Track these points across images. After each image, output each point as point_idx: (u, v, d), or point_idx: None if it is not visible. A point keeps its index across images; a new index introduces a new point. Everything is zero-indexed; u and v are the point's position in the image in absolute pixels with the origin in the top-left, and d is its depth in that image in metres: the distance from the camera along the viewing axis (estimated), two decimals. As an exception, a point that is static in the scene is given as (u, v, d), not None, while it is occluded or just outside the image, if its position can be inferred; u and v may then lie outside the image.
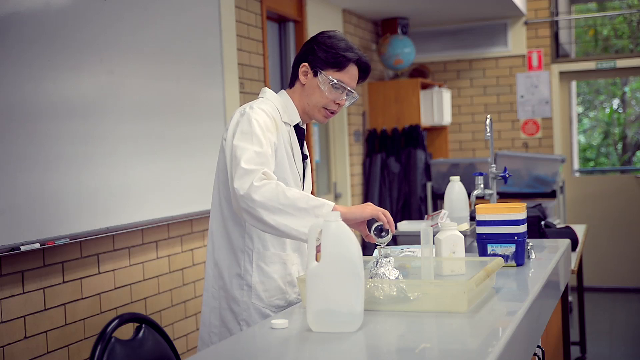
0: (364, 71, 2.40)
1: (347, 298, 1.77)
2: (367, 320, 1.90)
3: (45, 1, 2.96)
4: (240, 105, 4.48)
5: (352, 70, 2.37)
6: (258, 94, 2.47)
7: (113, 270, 3.37)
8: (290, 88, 2.43)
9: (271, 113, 2.29)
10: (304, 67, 2.37)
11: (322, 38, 2.37)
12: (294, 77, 2.41)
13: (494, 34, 7.13)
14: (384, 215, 2.15)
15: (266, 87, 2.44)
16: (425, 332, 1.84)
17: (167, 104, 3.67)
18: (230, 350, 1.79)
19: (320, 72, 2.34)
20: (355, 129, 6.33)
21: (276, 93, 2.43)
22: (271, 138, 2.23)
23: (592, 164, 9.68)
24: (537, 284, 2.28)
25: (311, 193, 2.42)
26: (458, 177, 2.97)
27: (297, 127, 2.42)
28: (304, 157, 2.44)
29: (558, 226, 4.11)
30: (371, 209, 2.15)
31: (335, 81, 2.34)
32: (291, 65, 2.47)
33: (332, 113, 2.41)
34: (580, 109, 9.72)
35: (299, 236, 2.10)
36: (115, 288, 3.39)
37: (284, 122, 2.35)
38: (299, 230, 2.08)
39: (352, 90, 2.39)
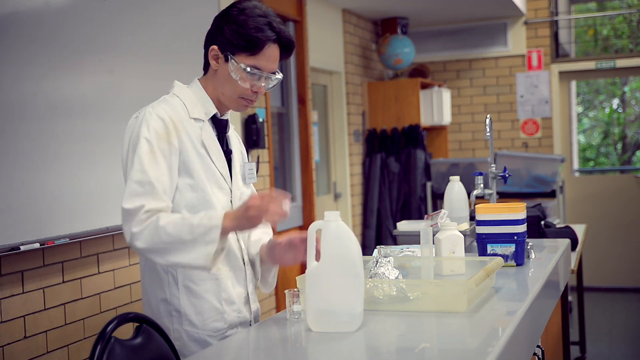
0: (287, 48, 2.07)
1: (346, 298, 1.75)
2: (367, 320, 1.90)
3: (44, 1, 2.96)
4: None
5: (270, 52, 2.03)
6: None
7: (113, 270, 3.37)
8: (204, 75, 2.12)
9: (169, 115, 1.99)
10: (213, 50, 2.04)
11: (232, 14, 2.02)
12: (207, 62, 2.09)
13: (493, 33, 7.14)
14: (270, 217, 1.87)
15: (176, 81, 2.15)
16: (425, 332, 1.84)
17: (167, 103, 3.66)
18: (230, 351, 1.79)
19: (231, 58, 2.01)
20: (355, 129, 6.33)
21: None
22: (164, 148, 1.95)
23: (591, 163, 9.68)
24: (536, 284, 2.28)
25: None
26: (458, 177, 2.98)
27: (217, 120, 2.12)
28: (229, 152, 2.14)
29: (558, 226, 4.11)
30: (257, 220, 1.87)
31: (248, 68, 2.01)
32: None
33: (251, 101, 2.09)
34: (580, 109, 9.72)
35: (197, 267, 1.89)
36: (115, 288, 3.39)
37: (195, 119, 2.05)
38: (193, 263, 1.88)
39: (272, 74, 2.06)
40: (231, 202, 2.09)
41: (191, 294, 2.03)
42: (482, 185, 3.05)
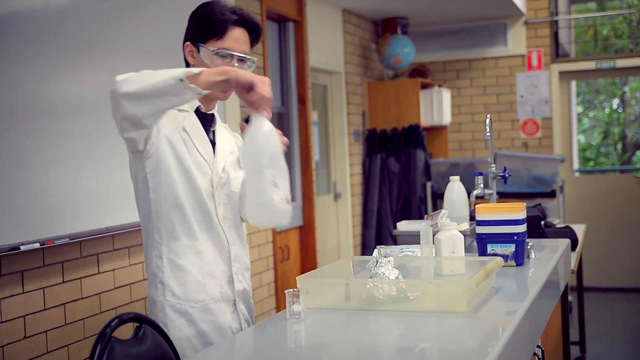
0: (252, 30, 2.19)
1: (253, 189, 1.95)
2: (367, 320, 1.90)
3: (45, 1, 2.96)
4: (240, 105, 4.49)
5: (235, 33, 2.15)
6: None
7: (113, 270, 3.37)
8: None
9: None
10: (188, 46, 2.19)
11: (198, 11, 2.18)
12: (186, 62, 2.22)
13: (493, 33, 7.14)
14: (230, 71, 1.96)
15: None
16: (425, 332, 1.84)
17: (167, 103, 3.66)
18: (230, 351, 1.80)
19: (202, 46, 2.15)
20: (355, 129, 6.33)
21: None
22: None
23: (591, 163, 9.68)
24: (536, 284, 2.28)
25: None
26: (458, 177, 2.97)
27: (202, 114, 2.22)
28: (212, 143, 2.23)
29: (558, 226, 4.11)
30: (232, 73, 1.95)
31: (217, 49, 2.13)
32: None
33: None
34: (580, 109, 9.72)
35: (174, 83, 1.92)
36: (115, 288, 3.39)
37: (178, 110, 2.15)
38: (163, 82, 1.93)
39: (244, 55, 2.17)
40: (212, 185, 2.18)
41: (175, 267, 2.13)
42: (482, 185, 3.05)
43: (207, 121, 2.23)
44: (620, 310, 6.33)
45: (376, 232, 6.39)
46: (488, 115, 3.12)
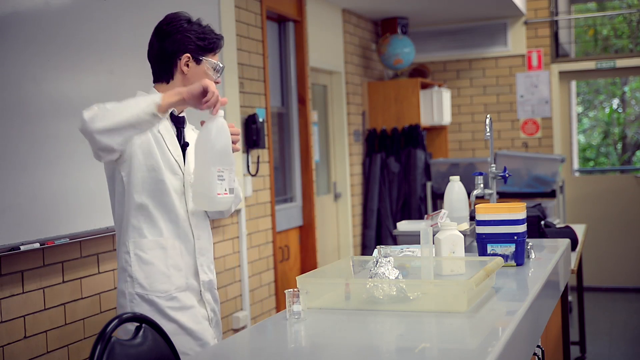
0: None
1: (201, 182, 2.23)
2: (367, 320, 1.91)
3: (45, 1, 2.96)
4: (240, 105, 4.49)
5: (219, 50, 2.49)
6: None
7: (113, 270, 3.37)
8: (167, 83, 2.41)
9: None
10: (187, 58, 2.39)
11: (187, 25, 2.41)
12: (170, 70, 2.39)
13: (493, 33, 7.14)
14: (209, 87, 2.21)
15: (140, 91, 2.42)
16: (425, 332, 1.84)
17: (167, 103, 3.66)
18: (230, 351, 1.80)
19: (204, 59, 2.40)
20: (355, 129, 6.33)
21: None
22: None
23: (591, 163, 9.68)
24: (536, 284, 2.28)
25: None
26: (458, 177, 2.98)
27: (175, 118, 2.44)
28: (185, 144, 2.45)
29: (558, 226, 4.11)
30: (196, 90, 2.21)
31: (219, 64, 2.43)
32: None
33: None
34: (580, 109, 9.72)
35: (146, 116, 2.16)
36: (115, 288, 3.39)
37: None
38: (134, 118, 2.14)
39: (223, 66, 2.48)
40: (184, 185, 2.39)
41: (141, 261, 2.34)
42: (482, 185, 3.05)
43: (179, 123, 2.45)
44: (620, 310, 6.33)
45: (376, 232, 6.39)
46: (488, 115, 3.12)
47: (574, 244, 3.69)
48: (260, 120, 4.62)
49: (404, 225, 3.17)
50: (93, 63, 3.19)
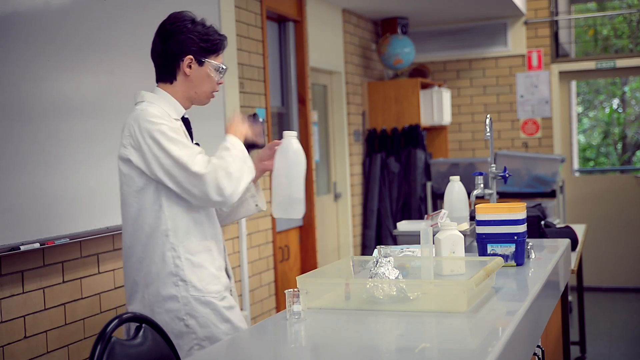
0: None
1: (282, 190, 2.41)
2: (367, 320, 1.90)
3: (45, 1, 2.96)
4: (240, 105, 4.48)
5: (223, 49, 2.50)
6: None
7: (113, 270, 3.37)
8: (170, 83, 2.42)
9: (160, 113, 2.33)
10: (189, 59, 2.39)
11: (190, 26, 2.41)
12: (173, 71, 2.40)
13: (493, 33, 7.14)
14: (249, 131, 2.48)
15: (143, 91, 2.42)
16: (425, 332, 1.84)
17: (167, 103, 3.66)
18: (229, 351, 1.80)
19: (206, 62, 2.41)
20: (355, 129, 6.33)
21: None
22: (174, 127, 2.32)
23: (591, 163, 9.68)
24: (536, 284, 2.28)
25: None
26: (458, 177, 2.97)
27: (183, 119, 2.46)
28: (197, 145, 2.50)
29: (558, 226, 4.11)
30: (244, 133, 2.47)
31: (221, 66, 2.44)
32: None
33: (215, 93, 2.50)
34: (580, 109, 9.72)
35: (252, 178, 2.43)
36: (115, 288, 3.39)
37: (176, 119, 2.39)
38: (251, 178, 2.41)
39: (226, 68, 2.50)
40: None
41: (192, 264, 2.34)
42: (482, 185, 3.04)
43: (187, 125, 2.48)
44: (620, 310, 6.33)
45: (376, 232, 6.39)
46: (488, 115, 3.12)
47: (574, 244, 3.69)
48: (261, 120, 4.61)
49: (404, 225, 3.17)
50: (93, 63, 3.19)
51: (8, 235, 2.73)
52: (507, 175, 3.07)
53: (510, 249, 2.56)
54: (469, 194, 2.98)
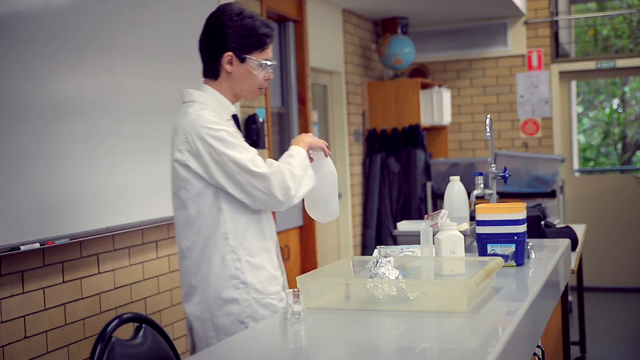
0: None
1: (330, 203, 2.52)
2: (367, 320, 1.90)
3: (45, 1, 2.96)
4: (240, 105, 4.48)
5: (271, 46, 2.40)
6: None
7: (113, 270, 3.37)
8: (215, 79, 2.39)
9: (214, 117, 2.30)
10: (229, 56, 2.34)
11: (231, 21, 2.32)
12: (216, 67, 2.37)
13: (493, 33, 7.13)
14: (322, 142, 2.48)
15: (191, 90, 2.40)
16: (425, 332, 1.84)
17: (167, 104, 3.66)
18: (229, 351, 1.79)
19: (248, 58, 2.34)
20: (355, 129, 6.33)
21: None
22: (230, 130, 2.30)
23: (592, 163, 9.68)
24: (537, 284, 2.28)
25: None
26: (458, 177, 2.97)
27: (234, 117, 2.43)
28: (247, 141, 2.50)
29: (558, 226, 4.11)
30: (314, 140, 2.46)
31: (264, 62, 2.36)
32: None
33: (265, 88, 2.47)
34: (580, 109, 9.72)
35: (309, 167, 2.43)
36: (115, 288, 3.39)
37: (228, 120, 2.38)
38: (308, 167, 2.40)
39: (274, 62, 2.43)
40: None
41: (252, 267, 2.32)
42: (482, 185, 3.04)
43: (236, 121, 2.43)
44: (620, 310, 6.33)
45: (376, 232, 6.39)
46: (488, 115, 3.12)
47: (574, 244, 3.69)
48: (261, 120, 4.62)
49: (404, 225, 3.17)
50: (93, 63, 3.19)
51: (8, 235, 2.73)
52: (507, 176, 3.07)
53: (510, 249, 2.56)
54: (469, 194, 2.97)
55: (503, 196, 5.72)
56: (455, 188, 2.94)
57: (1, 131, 2.74)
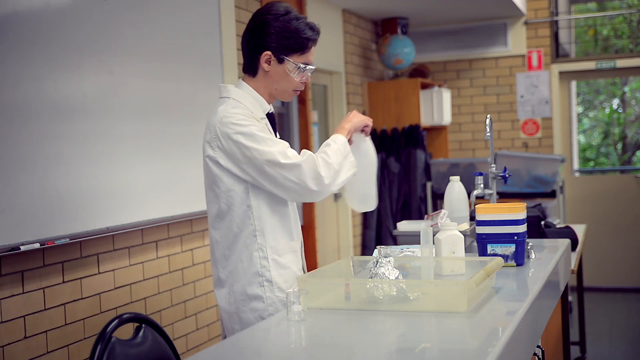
0: (317, 40, 2.46)
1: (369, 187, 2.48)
2: (367, 320, 1.91)
3: (45, 1, 2.96)
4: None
5: (312, 49, 2.42)
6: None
7: (113, 270, 3.37)
8: (253, 76, 2.40)
9: (244, 114, 2.31)
10: (267, 55, 2.34)
11: (275, 21, 2.32)
12: (254, 64, 2.37)
13: (493, 34, 7.13)
14: (367, 119, 2.47)
15: (228, 85, 2.41)
16: (425, 332, 1.84)
17: (167, 104, 3.67)
18: (230, 351, 1.80)
19: (286, 60, 2.35)
20: (355, 129, 6.32)
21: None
22: (260, 127, 2.31)
23: (592, 163, 9.68)
24: (537, 284, 2.28)
25: None
26: (458, 177, 2.97)
27: (268, 114, 2.43)
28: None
29: (558, 226, 4.11)
30: (356, 121, 2.45)
31: (302, 65, 2.36)
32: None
33: (300, 91, 2.46)
34: (580, 109, 9.72)
35: (349, 155, 2.39)
36: (115, 288, 3.39)
37: (262, 118, 2.38)
38: (347, 155, 2.37)
39: (313, 66, 2.43)
40: None
41: (278, 266, 2.34)
42: (482, 185, 3.04)
43: (272, 120, 2.45)
44: (620, 310, 6.33)
45: (376, 232, 6.39)
46: (488, 116, 3.12)
47: (574, 244, 3.69)
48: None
49: (404, 226, 3.17)
50: (93, 63, 3.19)
51: (8, 235, 2.73)
52: (507, 176, 3.07)
53: (510, 249, 2.56)
54: (469, 194, 2.97)
55: (503, 196, 5.72)
56: (455, 188, 2.94)
57: (1, 131, 2.75)
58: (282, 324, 1.92)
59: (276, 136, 2.44)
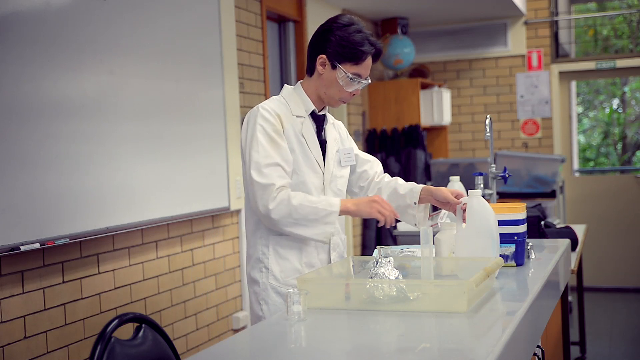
0: (378, 56, 2.51)
1: (484, 252, 2.27)
2: (367, 320, 1.91)
3: (45, 1, 2.96)
4: (240, 105, 4.48)
5: (368, 61, 2.47)
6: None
7: (113, 270, 3.37)
8: (309, 77, 2.52)
9: (273, 109, 2.44)
10: (322, 58, 2.46)
11: (338, 29, 2.44)
12: (312, 65, 2.50)
13: (493, 34, 7.14)
14: (381, 215, 2.36)
15: (287, 85, 2.56)
16: (425, 332, 1.84)
17: (167, 104, 3.67)
18: (229, 351, 1.80)
19: (338, 67, 2.44)
20: (355, 129, 6.33)
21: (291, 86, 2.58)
22: (279, 131, 2.42)
23: (591, 164, 9.68)
24: (537, 284, 2.28)
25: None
26: (458, 177, 2.97)
27: (315, 115, 2.53)
28: (323, 142, 2.55)
29: (558, 226, 4.11)
30: (369, 211, 2.38)
31: (352, 76, 2.44)
32: (305, 59, 2.59)
33: (347, 102, 2.56)
34: (580, 109, 9.72)
35: (315, 240, 2.42)
36: (115, 288, 3.39)
37: (297, 116, 2.48)
38: (313, 237, 2.40)
39: (366, 79, 2.50)
40: (323, 183, 2.52)
41: (278, 256, 2.47)
42: (482, 186, 3.04)
43: (319, 122, 2.55)
44: (620, 310, 6.33)
45: (376, 232, 6.39)
46: (488, 116, 3.12)
47: (574, 244, 3.69)
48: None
49: (404, 226, 3.17)
50: (93, 63, 3.19)
51: (8, 235, 2.73)
52: (507, 176, 3.07)
53: (510, 249, 2.56)
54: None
55: (503, 196, 5.72)
56: (455, 188, 2.94)
57: (1, 131, 2.75)
58: (282, 324, 1.92)
59: (320, 136, 2.53)
